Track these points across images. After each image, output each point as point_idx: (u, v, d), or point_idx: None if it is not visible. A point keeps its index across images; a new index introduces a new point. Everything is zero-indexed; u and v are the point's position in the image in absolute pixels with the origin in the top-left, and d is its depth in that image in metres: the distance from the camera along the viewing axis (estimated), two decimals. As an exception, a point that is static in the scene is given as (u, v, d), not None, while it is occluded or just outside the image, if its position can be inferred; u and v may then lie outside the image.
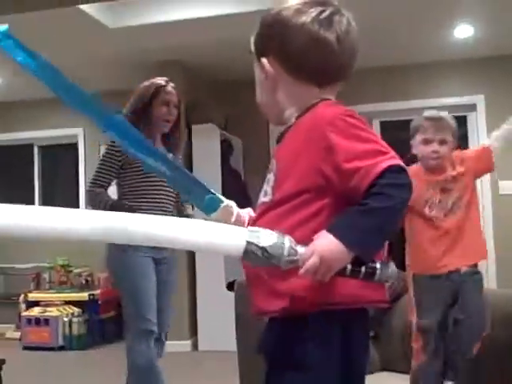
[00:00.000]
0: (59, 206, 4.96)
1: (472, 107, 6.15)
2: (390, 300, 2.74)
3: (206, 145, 5.92)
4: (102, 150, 7.03)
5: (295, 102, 1.38)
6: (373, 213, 1.17)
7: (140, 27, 5.05)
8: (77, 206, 7.18)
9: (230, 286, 5.42)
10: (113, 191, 3.35)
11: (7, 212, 1.21)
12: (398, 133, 6.80)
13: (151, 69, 6.03)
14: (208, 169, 5.84)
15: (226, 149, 6.13)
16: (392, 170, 1.19)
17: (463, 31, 5.39)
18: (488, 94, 6.07)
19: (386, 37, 5.45)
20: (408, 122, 6.55)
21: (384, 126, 6.38)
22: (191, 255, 5.87)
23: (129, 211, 1.30)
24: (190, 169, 5.95)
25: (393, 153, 1.23)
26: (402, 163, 1.22)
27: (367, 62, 6.08)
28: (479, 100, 6.10)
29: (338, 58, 1.34)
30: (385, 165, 1.19)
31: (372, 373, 2.59)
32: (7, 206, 1.22)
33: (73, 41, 5.28)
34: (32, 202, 7.40)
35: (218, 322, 5.51)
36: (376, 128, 6.36)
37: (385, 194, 1.17)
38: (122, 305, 3.36)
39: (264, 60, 1.37)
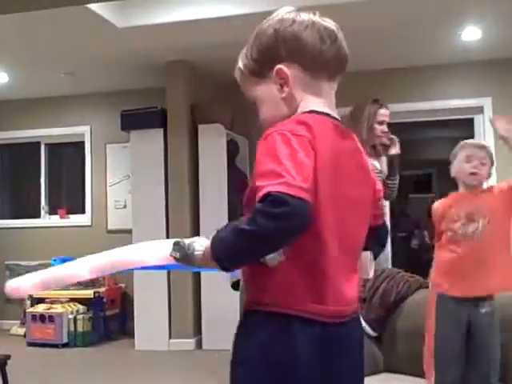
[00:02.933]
0: (65, 203, 5.04)
1: (479, 109, 6.14)
2: (395, 302, 2.74)
3: (213, 144, 5.93)
4: (109, 148, 7.09)
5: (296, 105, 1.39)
6: (238, 233, 1.20)
7: (148, 27, 5.06)
8: (82, 204, 7.21)
9: (235, 285, 5.43)
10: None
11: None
12: (404, 134, 6.81)
13: (159, 69, 6.06)
14: (214, 168, 5.86)
15: (232, 149, 6.14)
16: (270, 197, 1.17)
17: (471, 34, 5.38)
18: (495, 97, 6.06)
19: (393, 39, 5.45)
20: (414, 123, 6.62)
21: (391, 127, 6.36)
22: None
23: None
24: (196, 168, 5.97)
25: (289, 178, 1.18)
26: (287, 191, 1.16)
27: (374, 64, 6.10)
28: (486, 102, 6.08)
29: (338, 47, 1.39)
30: (266, 190, 1.17)
31: (376, 374, 2.60)
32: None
33: (81, 40, 5.29)
34: (38, 200, 7.44)
35: (222, 320, 5.52)
36: (383, 129, 6.34)
37: (254, 219, 1.18)
38: None
39: (280, 66, 1.37)
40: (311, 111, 1.35)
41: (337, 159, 1.32)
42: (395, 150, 3.94)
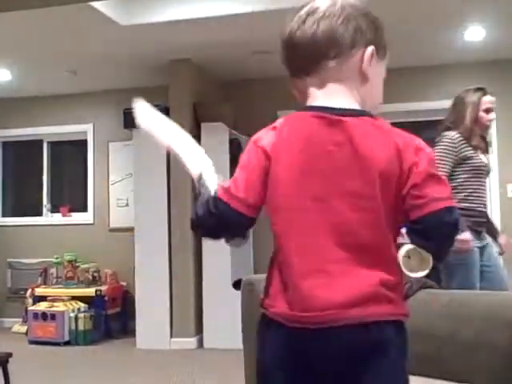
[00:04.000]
0: (67, 201, 5.06)
1: (482, 109, 6.12)
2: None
3: (215, 143, 5.92)
4: (111, 146, 7.09)
5: None
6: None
7: (152, 25, 5.06)
8: (85, 202, 7.22)
9: (237, 285, 5.43)
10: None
11: None
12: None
13: (162, 67, 6.06)
14: (216, 167, 5.81)
15: (235, 147, 6.14)
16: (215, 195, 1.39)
17: (475, 33, 5.37)
18: (498, 97, 6.02)
19: (397, 39, 5.41)
20: (418, 122, 6.58)
21: (394, 126, 6.37)
22: (198, 253, 5.88)
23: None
24: (199, 167, 5.97)
25: (232, 186, 1.35)
26: (220, 195, 1.36)
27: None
28: (489, 102, 6.07)
29: (286, 42, 1.38)
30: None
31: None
32: None
33: (84, 38, 5.29)
34: (40, 198, 7.44)
35: (224, 319, 5.52)
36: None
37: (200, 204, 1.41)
38: None
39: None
40: (299, 109, 1.34)
41: (314, 155, 1.27)
42: None
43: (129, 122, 6.19)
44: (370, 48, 1.36)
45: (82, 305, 6.23)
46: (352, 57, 1.33)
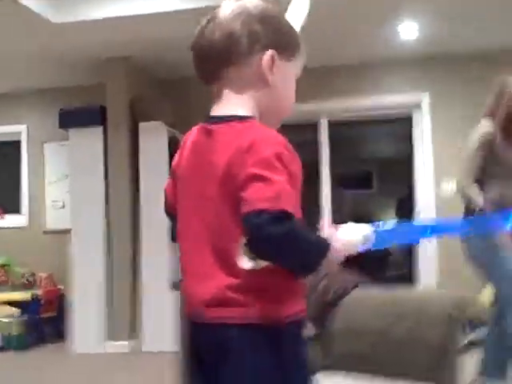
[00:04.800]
0: (0, 203, 4.83)
1: (417, 106, 6.19)
2: (333, 302, 2.76)
3: (154, 142, 5.85)
4: (46, 147, 6.92)
5: None
6: None
7: (85, 22, 4.95)
8: (17, 204, 7.03)
9: (175, 286, 5.37)
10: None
11: None
12: (343, 131, 6.87)
13: (97, 65, 5.95)
14: (155, 167, 5.77)
15: (174, 146, 6.06)
16: None
17: (408, 30, 5.44)
18: (433, 92, 6.12)
19: (331, 36, 5.47)
20: (355, 120, 6.54)
21: (331, 124, 6.42)
22: (136, 254, 5.80)
23: None
24: (137, 167, 5.88)
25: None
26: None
27: (313, 61, 6.11)
28: (424, 98, 6.13)
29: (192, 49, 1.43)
30: None
31: (314, 372, 2.60)
32: None
33: (15, 36, 5.14)
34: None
35: (161, 322, 5.45)
36: (324, 126, 6.40)
37: None
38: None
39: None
40: None
41: (193, 163, 1.37)
42: None
43: (64, 121, 6.06)
44: (268, 53, 1.33)
45: (15, 309, 6.06)
46: (250, 63, 1.33)
